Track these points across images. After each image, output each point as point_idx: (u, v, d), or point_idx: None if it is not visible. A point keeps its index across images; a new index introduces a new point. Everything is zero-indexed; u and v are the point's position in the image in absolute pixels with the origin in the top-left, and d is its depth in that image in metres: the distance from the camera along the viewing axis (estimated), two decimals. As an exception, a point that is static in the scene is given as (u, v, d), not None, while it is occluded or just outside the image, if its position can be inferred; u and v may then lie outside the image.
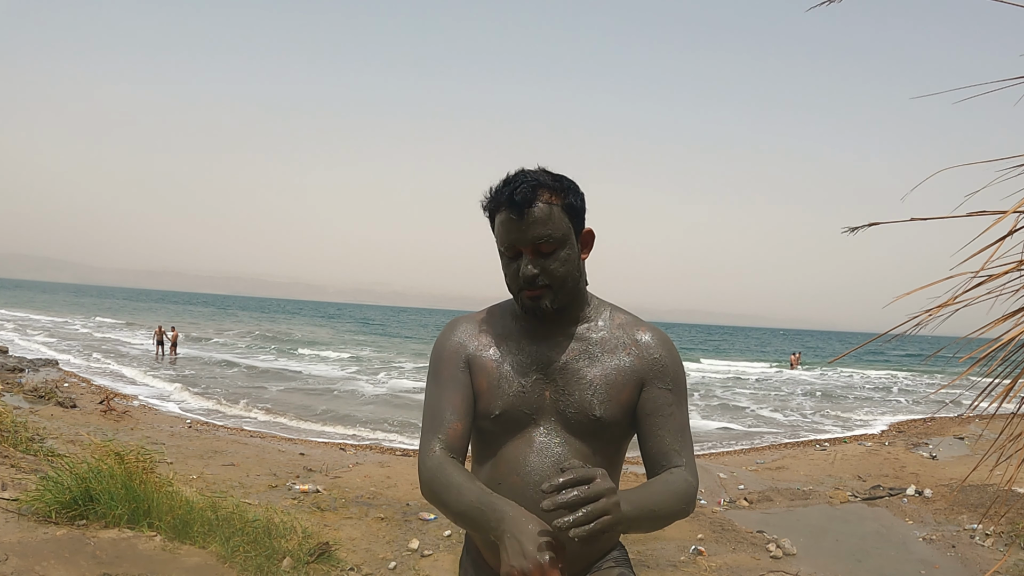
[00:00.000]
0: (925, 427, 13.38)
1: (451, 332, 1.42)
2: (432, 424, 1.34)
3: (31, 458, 5.49)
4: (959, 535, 6.14)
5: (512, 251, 1.29)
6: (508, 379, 1.34)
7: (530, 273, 1.28)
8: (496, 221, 1.31)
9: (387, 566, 4.71)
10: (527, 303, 1.31)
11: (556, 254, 1.28)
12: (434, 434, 1.32)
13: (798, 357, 32.07)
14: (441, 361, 1.39)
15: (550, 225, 1.27)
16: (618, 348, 1.36)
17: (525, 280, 1.29)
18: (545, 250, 1.28)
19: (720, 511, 6.81)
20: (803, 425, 14.16)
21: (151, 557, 3.63)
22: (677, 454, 1.32)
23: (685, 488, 1.26)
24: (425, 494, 1.30)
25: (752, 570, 5.09)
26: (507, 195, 1.28)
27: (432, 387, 1.38)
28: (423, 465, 1.31)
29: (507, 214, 1.27)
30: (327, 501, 6.23)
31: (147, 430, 9.48)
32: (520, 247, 1.28)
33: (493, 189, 1.32)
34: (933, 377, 28.26)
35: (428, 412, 1.36)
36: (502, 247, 1.31)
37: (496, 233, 1.32)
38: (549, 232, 1.27)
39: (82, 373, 15.78)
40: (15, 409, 8.57)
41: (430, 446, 1.32)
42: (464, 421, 1.33)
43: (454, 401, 1.34)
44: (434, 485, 1.27)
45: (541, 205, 1.27)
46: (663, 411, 1.33)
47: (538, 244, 1.27)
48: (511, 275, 1.32)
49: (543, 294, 1.30)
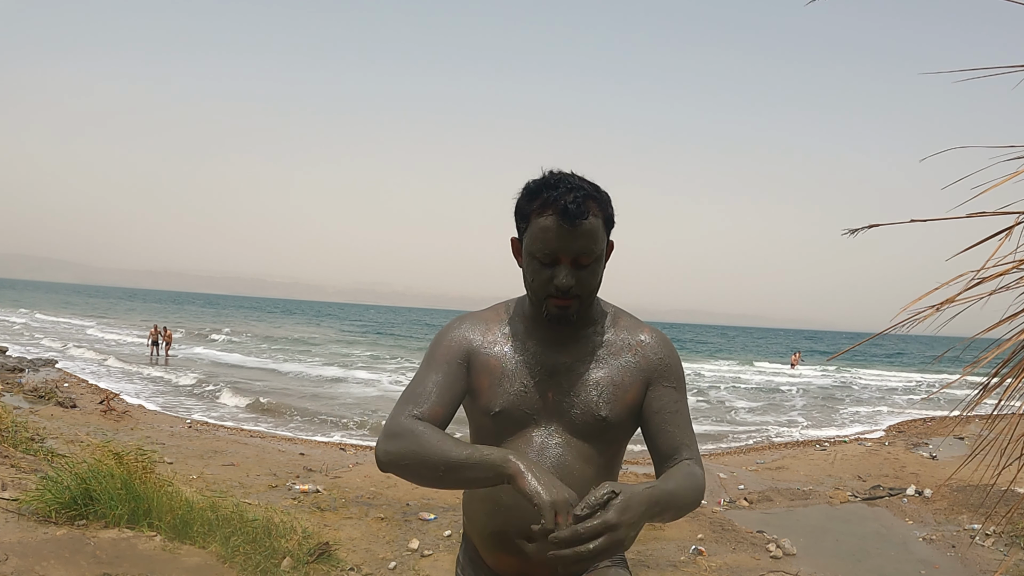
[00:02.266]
0: (925, 427, 13.38)
1: (456, 325, 1.42)
2: (411, 397, 1.29)
3: (31, 458, 5.49)
4: (959, 535, 6.13)
5: (550, 258, 1.27)
6: (510, 378, 1.34)
7: (567, 284, 1.26)
8: (536, 223, 1.27)
9: (387, 566, 4.71)
10: (553, 311, 1.30)
11: (591, 267, 1.28)
12: (413, 405, 1.28)
13: (799, 356, 32.06)
14: (438, 347, 1.37)
15: (595, 240, 1.26)
16: (623, 350, 1.37)
17: (559, 290, 1.27)
18: (584, 263, 1.27)
19: (720, 511, 6.81)
20: (803, 425, 14.16)
21: (151, 557, 3.63)
22: (687, 448, 1.34)
23: (700, 481, 1.30)
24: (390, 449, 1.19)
25: (752, 570, 5.09)
26: (559, 202, 1.24)
27: (422, 368, 1.36)
28: (392, 422, 1.24)
29: (556, 221, 1.24)
30: (327, 501, 6.23)
31: (147, 430, 9.48)
32: (561, 256, 1.26)
33: (532, 189, 1.29)
34: (934, 377, 28.26)
35: (410, 388, 1.32)
36: (539, 253, 1.27)
37: (533, 235, 1.27)
38: (593, 247, 1.26)
39: (81, 373, 15.78)
40: (15, 409, 8.58)
41: (403, 411, 1.27)
42: (446, 409, 1.30)
43: (440, 386, 1.31)
44: (407, 437, 1.19)
45: (592, 219, 1.25)
46: (670, 407, 1.35)
47: (580, 257, 1.26)
48: (542, 281, 1.28)
49: (572, 304, 1.29)
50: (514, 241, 1.37)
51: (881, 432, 13.20)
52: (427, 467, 1.17)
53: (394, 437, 1.21)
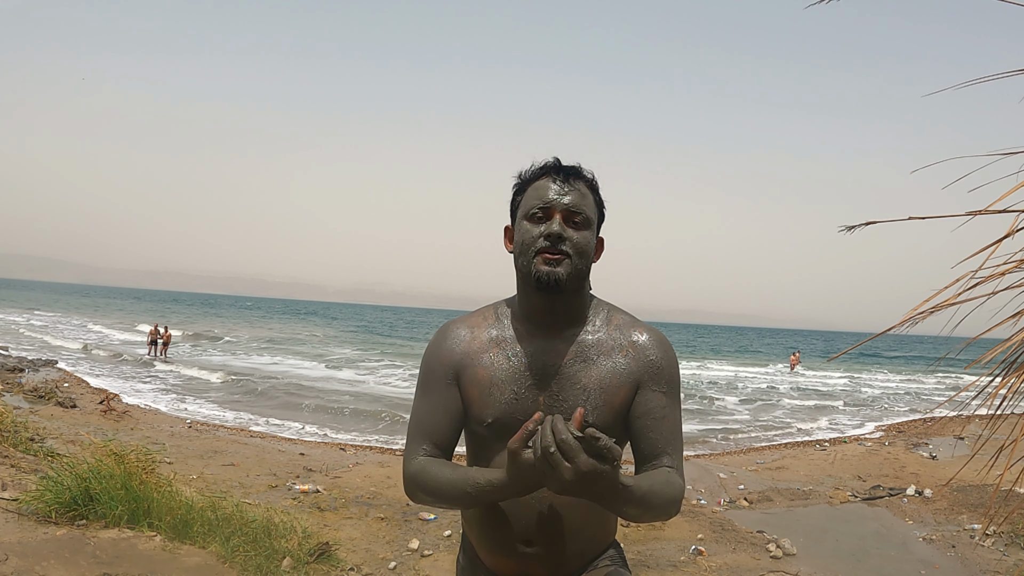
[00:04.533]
0: (925, 427, 13.38)
1: (442, 340, 1.40)
2: (416, 434, 1.36)
3: (31, 458, 5.49)
4: (959, 535, 6.13)
5: (544, 212, 1.30)
6: (500, 386, 1.32)
7: (557, 231, 1.27)
8: (531, 188, 1.33)
9: (387, 566, 4.71)
10: (542, 269, 1.27)
11: (583, 233, 1.30)
12: (418, 444, 1.34)
13: (798, 357, 32.04)
14: (429, 372, 1.38)
15: (586, 203, 1.31)
16: (614, 350, 1.34)
17: (550, 237, 1.27)
18: (576, 221, 1.30)
19: (720, 511, 6.81)
20: (803, 425, 14.16)
21: (151, 557, 3.63)
22: (668, 456, 1.30)
23: (676, 490, 1.25)
24: (410, 492, 1.32)
25: (752, 570, 5.09)
26: (553, 163, 1.33)
27: (418, 398, 1.39)
28: (406, 470, 1.33)
29: (549, 179, 1.31)
30: (327, 501, 6.23)
31: (147, 430, 9.48)
32: (555, 210, 1.29)
33: (530, 169, 1.36)
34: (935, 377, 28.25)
35: (413, 422, 1.38)
36: (532, 208, 1.31)
37: (527, 197, 1.33)
38: (585, 208, 1.30)
39: (81, 373, 15.78)
40: (15, 409, 8.58)
41: (413, 454, 1.34)
42: (449, 435, 1.34)
43: (436, 413, 1.35)
44: (420, 478, 1.29)
45: (583, 184, 1.33)
46: (655, 413, 1.31)
47: (572, 214, 1.29)
48: (532, 236, 1.29)
49: (562, 261, 1.27)
50: (507, 229, 1.40)
51: (881, 432, 13.20)
52: (451, 504, 1.27)
53: (408, 484, 1.32)
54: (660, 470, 1.28)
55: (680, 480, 1.28)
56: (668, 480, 1.25)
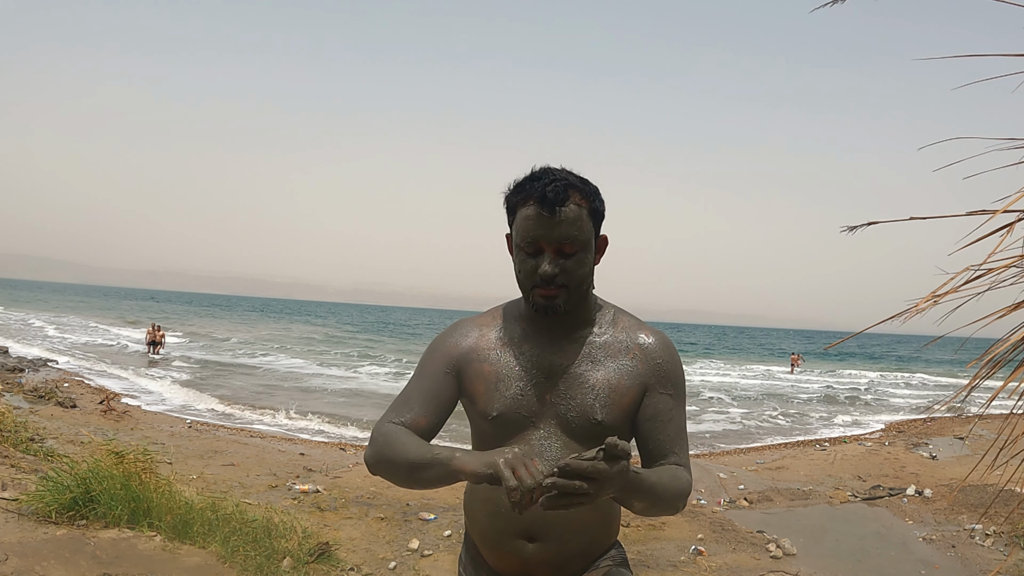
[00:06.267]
0: (925, 427, 13.38)
1: (449, 333, 1.41)
2: (396, 406, 1.34)
3: (31, 458, 5.48)
4: (959, 535, 6.13)
5: (533, 248, 1.27)
6: (506, 381, 1.33)
7: (550, 272, 1.26)
8: (520, 215, 1.28)
9: (387, 566, 4.71)
10: (539, 301, 1.29)
11: (577, 256, 1.27)
12: (397, 414, 1.33)
13: (798, 358, 32.03)
14: (428, 358, 1.39)
15: (577, 227, 1.26)
16: (621, 352, 1.35)
17: (543, 278, 1.27)
18: (568, 251, 1.26)
19: (720, 511, 6.81)
20: (803, 425, 14.16)
21: (151, 557, 3.63)
22: (675, 455, 1.33)
23: (685, 485, 1.29)
24: (369, 454, 1.29)
25: (752, 570, 5.09)
26: (539, 190, 1.25)
27: (412, 378, 1.39)
28: (374, 429, 1.31)
29: (536, 209, 1.25)
30: (327, 501, 6.23)
31: (147, 430, 9.48)
32: (544, 244, 1.26)
33: (518, 182, 1.30)
34: (935, 377, 28.25)
35: (399, 398, 1.36)
36: (523, 242, 1.28)
37: (517, 227, 1.29)
38: (575, 234, 1.26)
39: (81, 373, 15.78)
40: (15, 409, 8.57)
41: (386, 418, 1.32)
42: (429, 419, 1.33)
43: (425, 396, 1.34)
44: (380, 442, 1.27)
45: (572, 206, 1.25)
46: (664, 415, 1.34)
47: (563, 244, 1.26)
48: (527, 271, 1.29)
49: (558, 294, 1.28)
50: (508, 237, 1.37)
51: (881, 432, 13.20)
52: (395, 468, 1.24)
53: (372, 442, 1.29)
54: (668, 466, 1.31)
55: (687, 476, 1.31)
56: (675, 475, 1.28)
